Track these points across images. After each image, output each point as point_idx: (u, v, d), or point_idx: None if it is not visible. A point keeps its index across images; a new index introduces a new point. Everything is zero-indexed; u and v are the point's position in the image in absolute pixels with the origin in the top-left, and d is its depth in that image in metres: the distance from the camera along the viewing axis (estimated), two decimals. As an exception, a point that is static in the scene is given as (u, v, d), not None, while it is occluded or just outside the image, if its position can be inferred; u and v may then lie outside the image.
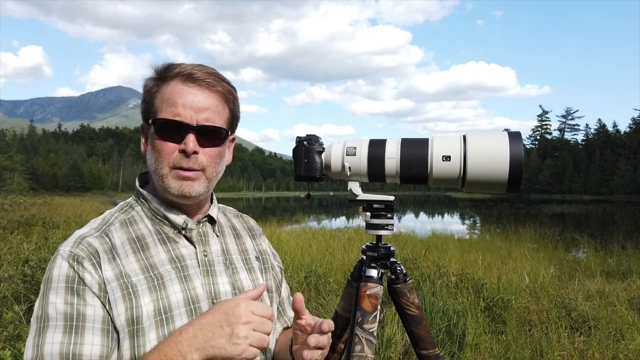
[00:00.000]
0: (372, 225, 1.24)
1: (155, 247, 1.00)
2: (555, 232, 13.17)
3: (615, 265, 7.97)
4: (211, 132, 0.99)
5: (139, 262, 0.96)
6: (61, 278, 0.89)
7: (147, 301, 0.92)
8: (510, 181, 1.06)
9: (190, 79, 0.98)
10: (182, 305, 0.96)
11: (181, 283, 0.98)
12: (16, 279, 4.51)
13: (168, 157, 0.97)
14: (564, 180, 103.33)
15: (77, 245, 0.93)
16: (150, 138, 1.01)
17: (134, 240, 0.99)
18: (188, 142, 0.95)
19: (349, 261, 6.77)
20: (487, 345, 3.82)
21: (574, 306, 4.62)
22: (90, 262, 0.91)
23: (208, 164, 1.00)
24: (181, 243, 1.03)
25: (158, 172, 0.98)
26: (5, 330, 3.41)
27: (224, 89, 1.01)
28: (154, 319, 0.92)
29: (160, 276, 0.96)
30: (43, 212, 15.20)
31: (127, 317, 0.90)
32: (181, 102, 0.96)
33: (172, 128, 0.97)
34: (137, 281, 0.93)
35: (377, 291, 1.20)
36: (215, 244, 1.09)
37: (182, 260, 1.01)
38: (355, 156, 1.18)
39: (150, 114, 1.00)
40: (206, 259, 1.04)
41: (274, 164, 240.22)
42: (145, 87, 1.03)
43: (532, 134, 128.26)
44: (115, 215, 1.03)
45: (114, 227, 0.99)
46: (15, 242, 7.30)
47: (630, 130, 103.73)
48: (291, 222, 21.14)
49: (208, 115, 0.98)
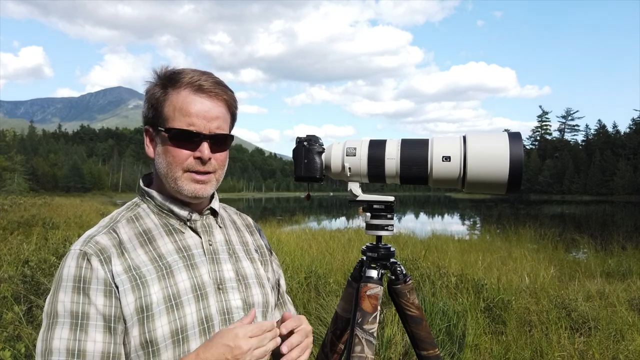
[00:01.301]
0: (372, 225, 1.24)
1: (162, 238, 1.08)
2: (555, 232, 13.16)
3: (615, 266, 7.97)
4: (221, 139, 1.08)
5: (147, 254, 1.04)
6: (70, 277, 0.96)
7: (156, 289, 1.00)
8: (510, 182, 1.06)
9: (200, 90, 1.05)
10: (190, 291, 1.04)
11: (188, 271, 1.06)
12: (16, 279, 4.51)
13: (182, 162, 1.05)
14: (564, 180, 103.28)
15: (86, 243, 1.00)
16: (161, 144, 1.08)
17: (140, 234, 1.06)
18: (204, 150, 1.04)
19: (349, 262, 6.77)
20: (487, 345, 3.81)
21: (574, 307, 4.62)
22: (98, 258, 0.98)
23: (218, 167, 1.10)
24: (187, 234, 1.11)
25: (172, 175, 1.06)
26: (5, 331, 3.40)
27: (229, 97, 1.10)
28: (164, 305, 0.99)
29: (168, 265, 1.04)
30: (43, 212, 15.18)
31: (137, 306, 0.97)
32: (194, 112, 1.04)
33: (186, 137, 1.04)
34: (146, 271, 1.01)
35: (377, 292, 1.20)
36: (219, 234, 1.17)
37: (189, 250, 1.09)
38: (355, 157, 1.18)
39: (160, 121, 1.07)
40: (211, 248, 1.12)
41: (274, 164, 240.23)
42: (149, 91, 1.08)
43: (532, 135, 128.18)
44: (122, 214, 1.10)
45: (121, 224, 1.06)
46: (15, 242, 7.29)
47: (630, 130, 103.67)
48: (291, 223, 21.15)
49: (219, 123, 1.07)
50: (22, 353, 3.08)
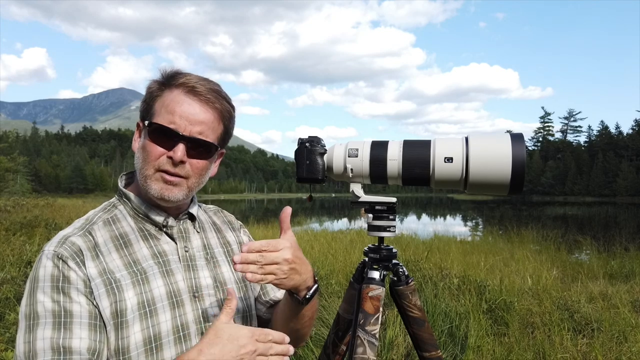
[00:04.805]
0: (374, 227, 1.23)
1: (138, 243, 1.04)
2: (558, 234, 13.12)
3: (618, 268, 7.94)
4: (201, 145, 1.03)
5: (122, 258, 1.00)
6: (47, 277, 0.93)
7: (130, 295, 0.96)
8: (513, 183, 1.05)
9: (193, 92, 1.02)
10: (165, 298, 1.01)
11: (163, 277, 1.02)
12: (19, 280, 4.53)
13: (155, 160, 1.01)
14: (567, 182, 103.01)
15: (61, 244, 0.96)
16: (143, 138, 1.05)
17: (117, 238, 1.03)
18: (177, 150, 0.99)
19: (350, 263, 6.76)
20: (490, 347, 3.80)
21: (576, 308, 4.61)
22: (74, 260, 0.94)
23: (192, 174, 1.04)
24: (162, 239, 1.08)
25: (143, 172, 1.03)
26: (8, 332, 3.41)
27: (223, 107, 1.06)
28: (138, 311, 0.96)
29: (143, 271, 1.00)
30: (45, 213, 15.21)
31: (112, 310, 0.94)
32: (179, 112, 1.01)
33: (165, 134, 1.01)
34: (120, 277, 0.97)
35: (379, 293, 1.20)
36: (196, 240, 1.14)
37: (164, 256, 1.05)
38: (357, 158, 1.18)
39: (148, 115, 1.05)
40: (187, 255, 1.09)
41: (276, 165, 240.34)
42: (148, 87, 1.07)
43: (534, 136, 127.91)
44: (99, 215, 1.07)
45: (97, 226, 1.03)
46: (18, 243, 7.32)
47: (633, 131, 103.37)
48: (293, 224, 20.86)
49: (202, 129, 1.02)
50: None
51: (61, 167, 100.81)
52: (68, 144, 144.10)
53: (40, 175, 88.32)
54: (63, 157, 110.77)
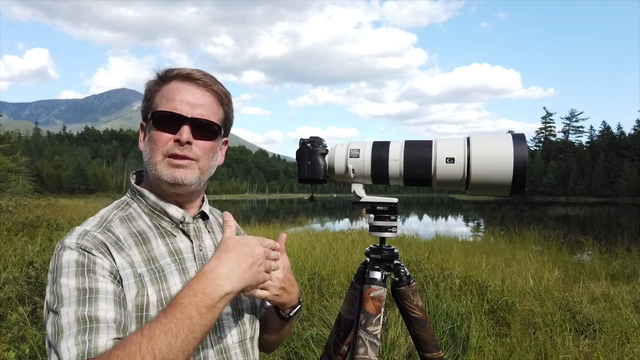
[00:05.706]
0: (376, 227, 1.23)
1: (156, 240, 1.05)
2: (560, 234, 13.10)
3: (620, 268, 7.93)
4: (205, 125, 1.05)
5: (142, 254, 1.01)
6: (71, 263, 0.91)
7: (150, 292, 0.98)
8: (515, 183, 1.05)
9: (189, 79, 1.06)
10: None
11: (180, 275, 1.04)
12: (21, 280, 4.53)
13: (162, 146, 1.03)
14: (568, 182, 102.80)
15: (83, 237, 0.95)
16: (148, 131, 1.07)
17: (135, 234, 1.03)
18: (182, 132, 1.02)
19: (352, 263, 6.76)
20: (491, 348, 3.80)
21: (578, 309, 4.60)
22: (98, 250, 0.94)
23: (201, 155, 1.06)
24: (178, 237, 1.09)
25: (152, 160, 1.04)
26: (10, 332, 3.41)
27: (220, 90, 1.10)
28: (157, 309, 0.97)
29: (161, 269, 1.01)
30: (47, 214, 15.24)
31: (137, 302, 0.95)
32: (179, 98, 1.04)
33: (169, 119, 1.03)
34: (143, 272, 0.99)
35: (381, 293, 1.20)
36: (208, 240, 1.16)
37: (180, 254, 1.07)
38: (358, 158, 1.18)
39: (149, 110, 1.07)
40: (201, 254, 1.11)
41: (277, 166, 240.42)
42: (146, 87, 1.10)
43: (536, 136, 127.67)
44: (114, 213, 1.06)
45: (114, 224, 1.02)
46: (20, 244, 7.33)
47: (635, 132, 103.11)
48: (295, 224, 21.15)
49: (203, 111, 1.05)
50: (27, 354, 3.09)
51: (63, 168, 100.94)
52: (70, 144, 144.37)
53: (42, 175, 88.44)
54: (65, 157, 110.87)
